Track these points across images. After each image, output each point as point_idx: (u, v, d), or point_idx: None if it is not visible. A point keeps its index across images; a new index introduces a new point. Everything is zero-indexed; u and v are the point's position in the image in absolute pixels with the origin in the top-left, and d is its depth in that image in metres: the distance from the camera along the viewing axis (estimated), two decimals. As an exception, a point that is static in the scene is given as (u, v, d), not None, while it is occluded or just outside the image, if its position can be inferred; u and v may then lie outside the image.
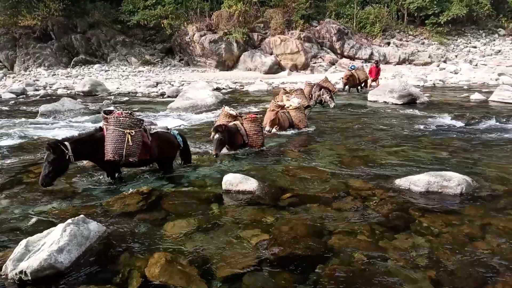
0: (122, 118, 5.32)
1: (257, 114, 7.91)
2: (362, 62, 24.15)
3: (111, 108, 12.99)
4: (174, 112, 13.44)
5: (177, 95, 16.53)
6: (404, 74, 25.87)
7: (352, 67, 19.20)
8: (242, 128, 7.41)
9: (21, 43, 33.25)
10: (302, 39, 31.31)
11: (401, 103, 14.18)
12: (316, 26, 33.89)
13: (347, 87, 18.07)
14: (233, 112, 7.77)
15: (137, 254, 3.67)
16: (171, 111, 13.62)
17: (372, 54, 31.76)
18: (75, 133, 5.58)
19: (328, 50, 32.57)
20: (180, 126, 10.57)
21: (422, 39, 34.92)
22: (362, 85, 18.72)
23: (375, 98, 15.32)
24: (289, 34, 31.77)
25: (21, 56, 32.99)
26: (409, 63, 31.76)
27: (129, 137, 5.25)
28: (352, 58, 31.70)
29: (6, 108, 15.59)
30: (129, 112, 5.63)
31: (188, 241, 3.93)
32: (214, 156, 6.67)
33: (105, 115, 5.45)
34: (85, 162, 6.33)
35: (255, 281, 3.23)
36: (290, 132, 9.33)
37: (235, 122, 7.47)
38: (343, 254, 3.61)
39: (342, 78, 18.04)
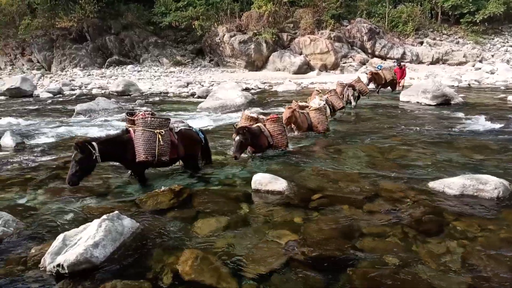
0: (150, 119, 5.42)
1: (278, 115, 7.76)
2: (394, 62, 23.62)
3: (138, 109, 13.28)
4: (204, 112, 13.59)
5: (207, 95, 16.71)
6: (438, 74, 25.18)
7: (379, 67, 18.78)
8: (266, 129, 7.28)
9: (58, 44, 34.53)
10: (332, 38, 31.00)
11: (434, 104, 13.81)
12: (346, 26, 33.45)
13: (372, 85, 17.54)
14: (254, 115, 7.67)
15: (169, 250, 3.75)
16: (201, 111, 13.78)
17: (404, 53, 31.07)
18: (103, 133, 5.70)
19: (359, 50, 32.10)
20: (207, 126, 10.68)
21: (456, 38, 33.83)
22: (390, 86, 18.15)
23: (407, 99, 14.99)
24: (319, 34, 31.51)
25: (58, 56, 34.26)
26: (443, 63, 30.86)
27: (160, 136, 5.35)
28: (383, 57, 31.12)
29: (44, 107, 16.22)
30: (151, 112, 5.75)
31: (218, 239, 3.98)
32: (234, 158, 6.51)
33: (130, 117, 5.56)
34: None
35: (285, 280, 3.24)
36: (307, 134, 8.91)
37: (258, 124, 7.34)
38: (374, 256, 3.56)
39: (367, 74, 17.64)
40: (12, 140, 8.41)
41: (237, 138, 6.50)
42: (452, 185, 5.08)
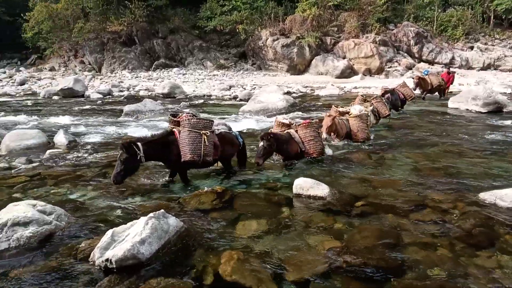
0: (195, 120, 5.58)
1: (311, 120, 7.40)
2: (442, 67, 22.75)
3: (182, 111, 13.56)
4: (245, 115, 13.70)
5: (249, 99, 16.84)
6: (489, 81, 23.99)
7: (426, 72, 18.06)
8: (297, 135, 6.92)
9: (109, 47, 36.10)
10: (377, 42, 30.33)
11: (485, 111, 13.16)
12: (392, 29, 32.63)
13: (418, 91, 16.94)
14: (286, 121, 7.39)
15: (211, 250, 3.81)
16: (243, 114, 13.90)
17: (453, 58, 29.88)
18: (148, 134, 5.86)
19: (405, 54, 31.20)
20: (248, 129, 10.75)
21: (510, 43, 32.10)
22: (438, 92, 17.44)
23: (456, 105, 14.38)
24: (364, 37, 30.95)
25: (108, 59, 35.80)
26: (495, 69, 29.34)
27: (205, 137, 5.50)
28: (431, 62, 30.07)
29: (94, 107, 16.99)
30: (193, 114, 5.88)
31: (259, 242, 4.00)
32: (256, 164, 6.29)
33: (174, 118, 5.71)
34: None
35: (326, 287, 3.20)
36: (345, 142, 8.47)
37: (289, 131, 7.04)
38: (420, 268, 3.45)
39: (413, 78, 17.03)
40: (65, 138, 8.86)
41: (261, 144, 6.30)
42: (505, 197, 4.82)
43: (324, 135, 7.61)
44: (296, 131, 7.01)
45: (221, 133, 6.14)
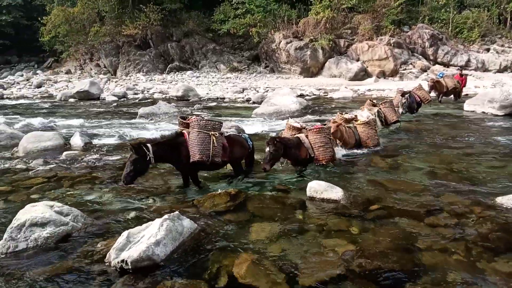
0: (204, 121, 5.61)
1: (323, 125, 7.17)
2: (458, 69, 22.34)
3: (196, 113, 13.63)
4: (258, 118, 13.71)
5: (262, 101, 16.85)
6: (506, 83, 23.55)
7: (441, 75, 17.82)
8: (307, 140, 6.68)
9: (124, 51, 36.59)
10: (392, 44, 30.09)
11: (502, 114, 12.93)
12: (407, 32, 32.34)
13: (433, 93, 16.72)
14: (297, 125, 7.13)
15: (225, 252, 3.82)
16: (256, 117, 13.92)
17: (469, 60, 29.44)
18: (158, 135, 5.89)
19: (420, 56, 30.88)
20: (257, 132, 10.76)
21: (527, 45, 31.51)
22: (453, 94, 17.20)
23: (472, 108, 14.17)
24: (378, 40, 30.73)
25: (123, 62, 36.27)
26: (511, 71, 28.87)
27: (214, 138, 5.52)
28: (446, 64, 29.69)
29: (109, 109, 17.22)
30: (202, 116, 5.90)
31: (273, 244, 4.00)
32: (263, 170, 6.08)
33: (183, 120, 5.75)
34: None
35: (340, 291, 3.19)
36: (358, 151, 8.02)
37: (298, 135, 6.82)
38: (436, 272, 3.41)
39: (428, 81, 16.81)
40: (81, 140, 9.00)
41: (267, 149, 6.09)
42: (523, 201, 4.74)
43: None
44: (307, 136, 6.78)
45: (230, 135, 6.14)
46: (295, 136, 6.84)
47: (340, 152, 7.45)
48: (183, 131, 5.67)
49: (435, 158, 7.44)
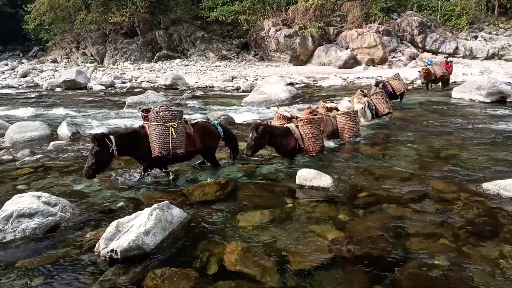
0: (162, 112, 5.34)
1: (314, 116, 7.18)
2: (445, 57, 22.44)
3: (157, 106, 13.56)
4: (248, 106, 13.68)
5: (251, 90, 16.81)
6: (493, 70, 23.80)
7: (429, 62, 17.91)
8: (297, 131, 6.58)
9: (110, 39, 36.04)
10: (381, 32, 30.11)
11: (489, 101, 13.07)
12: (396, 19, 32.40)
13: (425, 81, 16.79)
14: (287, 114, 6.99)
15: (215, 241, 3.83)
16: (246, 105, 13.88)
17: (457, 48, 29.64)
18: (122, 127, 5.73)
19: (409, 44, 30.99)
20: (248, 120, 10.73)
21: (515, 32, 31.79)
22: (440, 82, 17.30)
23: (460, 95, 14.30)
24: (367, 27, 30.71)
25: (110, 50, 35.74)
26: (499, 59, 29.06)
27: (172, 130, 5.27)
28: (434, 52, 29.84)
29: (97, 98, 17.01)
30: (168, 106, 5.67)
31: (263, 232, 4.02)
32: (246, 156, 6.17)
33: (144, 114, 5.54)
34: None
35: (329, 277, 3.23)
36: (335, 142, 7.84)
37: (288, 125, 6.71)
38: (423, 258, 3.46)
39: (419, 72, 16.86)
40: (68, 130, 8.88)
41: (250, 135, 6.10)
42: (508, 187, 4.81)
43: None
44: (297, 126, 6.68)
45: (198, 123, 5.91)
46: (284, 125, 6.74)
47: (330, 143, 7.45)
48: (145, 124, 5.49)
49: (422, 145, 7.52)
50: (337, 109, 8.18)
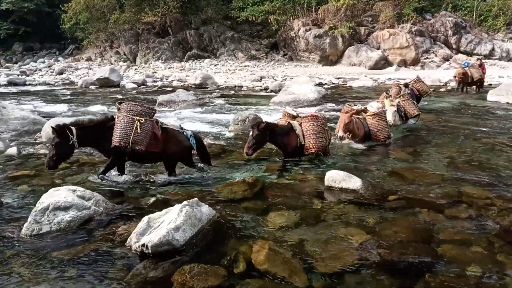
0: (133, 105, 5.25)
1: (318, 114, 6.91)
2: (479, 59, 21.70)
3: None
4: (276, 106, 13.66)
5: (279, 90, 16.79)
6: (532, 73, 22.90)
7: (466, 64, 17.33)
8: (299, 128, 6.42)
9: (143, 38, 36.85)
10: (413, 33, 29.48)
11: (528, 104, 12.61)
12: (429, 19, 31.62)
13: (459, 85, 16.37)
14: (293, 112, 6.89)
15: (243, 239, 3.86)
16: (274, 105, 13.87)
17: (493, 49, 28.67)
18: (87, 118, 5.55)
19: (442, 45, 30.19)
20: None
21: (554, 34, 30.39)
22: (476, 85, 16.74)
23: (495, 98, 13.82)
24: (399, 27, 30.13)
25: (142, 50, 36.54)
26: (537, 60, 27.99)
27: (138, 124, 5.11)
28: (469, 53, 28.95)
29: (129, 96, 17.42)
30: (144, 103, 5.51)
31: (290, 232, 4.01)
32: (245, 154, 6.05)
33: (119, 105, 5.39)
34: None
35: (358, 280, 3.19)
36: (365, 144, 7.68)
37: (291, 121, 6.60)
38: (455, 264, 3.37)
39: (455, 76, 16.38)
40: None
41: (251, 133, 6.04)
42: (547, 195, 4.63)
43: (340, 134, 7.05)
44: (300, 124, 6.53)
45: (167, 130, 5.62)
46: (287, 122, 6.64)
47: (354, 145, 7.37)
48: (114, 116, 5.39)
49: (455, 149, 7.31)
50: (365, 111, 8.02)
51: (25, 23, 44.53)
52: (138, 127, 5.09)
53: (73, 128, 5.00)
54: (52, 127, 5.00)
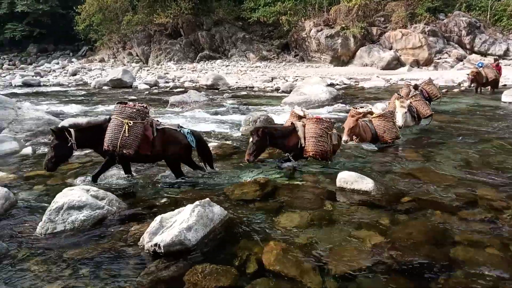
0: (124, 107, 5.18)
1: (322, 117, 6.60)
2: (495, 59, 21.35)
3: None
4: (287, 107, 13.64)
5: (291, 90, 16.78)
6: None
7: (480, 65, 17.03)
8: (301, 129, 6.23)
9: (155, 39, 37.18)
10: (426, 33, 29.16)
11: (543, 105, 12.39)
12: (443, 19, 31.25)
13: (473, 85, 16.12)
14: (301, 113, 6.65)
15: (254, 240, 3.86)
16: (285, 106, 13.86)
17: (508, 49, 28.22)
18: (85, 120, 5.62)
19: (456, 45, 29.82)
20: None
21: None
22: (491, 85, 16.47)
23: (510, 99, 13.59)
24: (412, 27, 29.85)
25: (155, 51, 36.87)
26: (553, 61, 27.46)
27: (127, 127, 5.05)
28: (483, 54, 28.53)
29: (142, 97, 17.59)
30: (144, 105, 5.40)
31: (302, 233, 4.00)
32: (247, 161, 5.84)
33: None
34: None
35: (370, 282, 3.17)
36: (377, 145, 7.56)
37: (295, 122, 6.40)
38: (469, 267, 3.32)
39: (468, 75, 16.16)
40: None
41: (250, 139, 5.86)
42: None
43: (345, 138, 6.77)
44: (304, 125, 6.31)
45: (164, 129, 5.55)
46: (291, 122, 6.47)
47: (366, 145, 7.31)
48: (111, 117, 5.30)
49: (469, 150, 7.22)
50: (371, 113, 7.87)
51: (39, 25, 45.32)
52: (126, 130, 5.04)
53: (72, 130, 5.05)
54: (51, 129, 5.07)
